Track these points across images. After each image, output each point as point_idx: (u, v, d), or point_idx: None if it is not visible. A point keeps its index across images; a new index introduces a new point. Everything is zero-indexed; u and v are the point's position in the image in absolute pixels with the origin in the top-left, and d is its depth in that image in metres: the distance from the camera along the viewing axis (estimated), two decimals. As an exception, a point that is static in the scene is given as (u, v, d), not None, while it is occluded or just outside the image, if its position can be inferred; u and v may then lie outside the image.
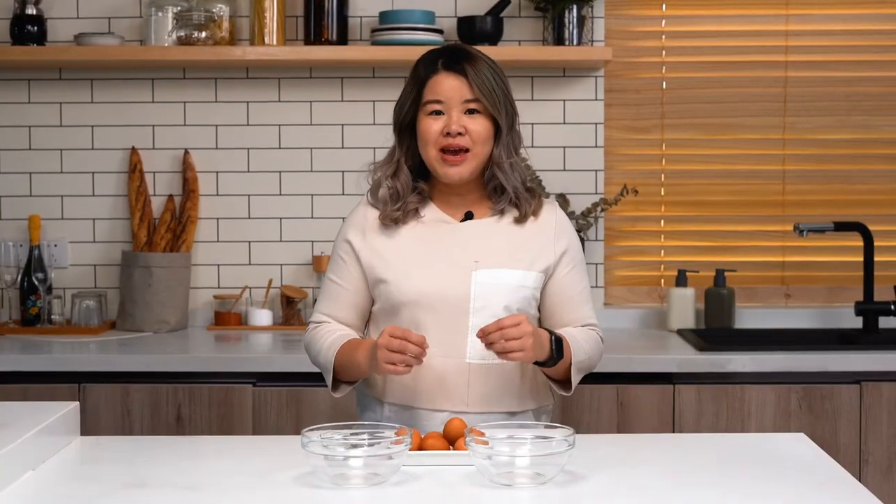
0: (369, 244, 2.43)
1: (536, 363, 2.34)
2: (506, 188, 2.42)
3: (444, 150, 2.37)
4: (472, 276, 2.37)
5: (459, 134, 2.36)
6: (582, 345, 2.40)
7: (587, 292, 2.49)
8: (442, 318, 2.36)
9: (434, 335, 2.33)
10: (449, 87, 2.38)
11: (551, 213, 2.48)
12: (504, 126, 2.40)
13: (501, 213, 2.45)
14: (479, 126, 2.38)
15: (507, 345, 2.22)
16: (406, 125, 2.44)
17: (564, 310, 2.46)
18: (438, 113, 2.38)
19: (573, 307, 2.46)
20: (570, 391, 2.42)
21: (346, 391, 2.45)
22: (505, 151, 2.41)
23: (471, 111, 2.38)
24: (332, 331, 2.44)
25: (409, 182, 2.44)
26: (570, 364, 2.37)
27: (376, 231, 2.44)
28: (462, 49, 2.44)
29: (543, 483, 1.99)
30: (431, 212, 2.45)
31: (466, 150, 2.37)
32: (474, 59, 2.40)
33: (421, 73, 2.41)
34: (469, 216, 2.45)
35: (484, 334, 2.23)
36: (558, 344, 2.31)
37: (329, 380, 2.42)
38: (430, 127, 2.38)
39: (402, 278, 2.38)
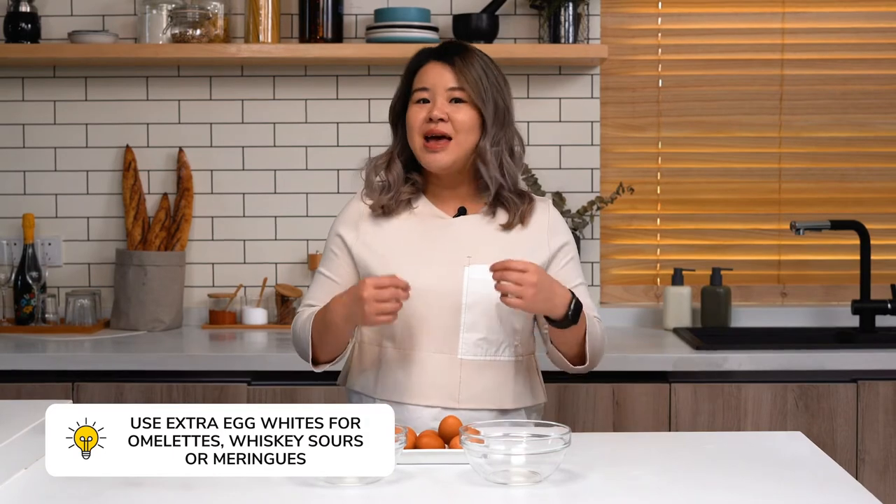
0: (361, 239, 2.43)
1: (550, 322, 2.29)
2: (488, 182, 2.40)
3: (427, 138, 2.38)
4: (464, 271, 2.37)
5: (441, 120, 2.37)
6: (595, 325, 2.36)
7: (584, 288, 2.45)
8: (434, 314, 2.36)
9: (426, 331, 2.35)
10: (434, 74, 2.40)
11: (544, 211, 2.47)
12: (489, 117, 2.39)
13: (493, 214, 2.44)
14: (463, 115, 2.38)
15: (504, 286, 2.19)
16: (399, 118, 2.46)
17: None
18: (425, 101, 2.40)
19: None
20: (584, 365, 2.36)
21: (325, 368, 2.42)
22: (491, 143, 2.39)
23: (456, 100, 2.39)
24: (314, 312, 2.42)
25: (401, 174, 2.44)
26: (584, 337, 2.31)
27: (369, 224, 2.44)
28: (457, 43, 2.47)
29: (539, 482, 1.98)
30: (424, 205, 2.45)
31: (449, 138, 2.37)
32: (466, 51, 2.42)
33: (412, 65, 2.45)
34: (462, 212, 2.45)
35: (493, 270, 2.21)
36: (577, 307, 2.27)
37: (308, 354, 2.39)
38: (416, 115, 2.40)
39: (394, 273, 2.37)
